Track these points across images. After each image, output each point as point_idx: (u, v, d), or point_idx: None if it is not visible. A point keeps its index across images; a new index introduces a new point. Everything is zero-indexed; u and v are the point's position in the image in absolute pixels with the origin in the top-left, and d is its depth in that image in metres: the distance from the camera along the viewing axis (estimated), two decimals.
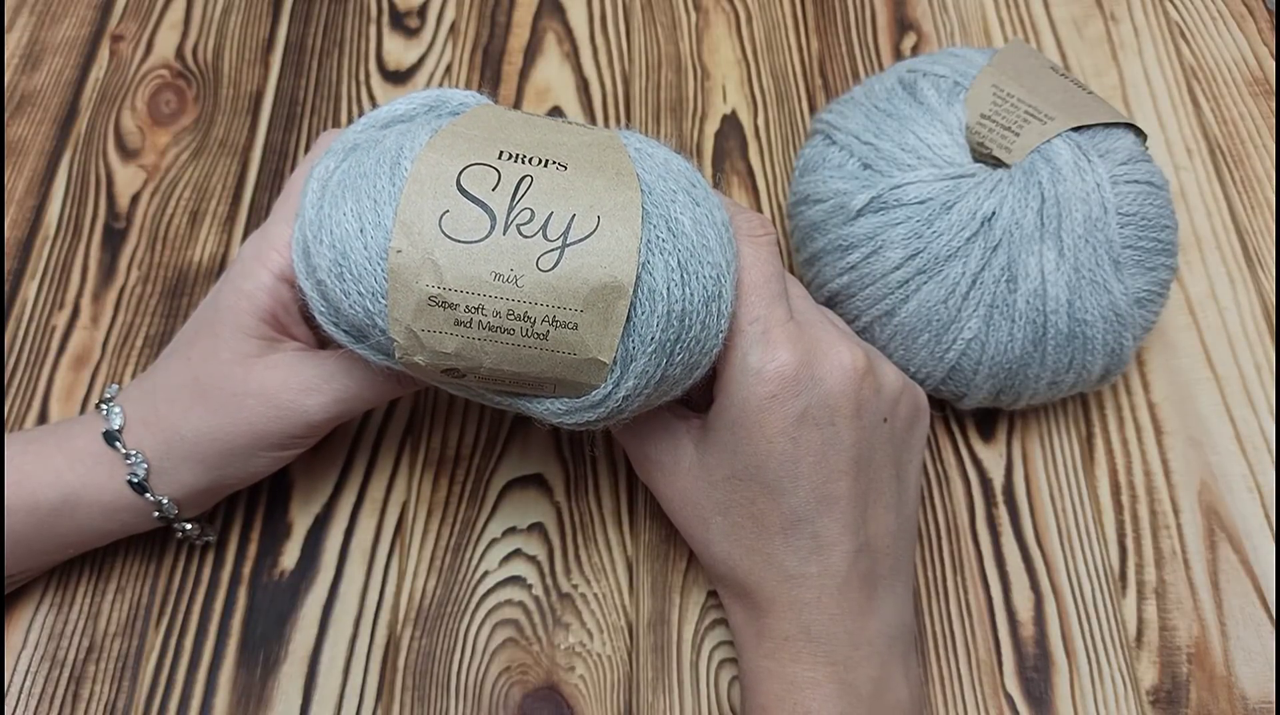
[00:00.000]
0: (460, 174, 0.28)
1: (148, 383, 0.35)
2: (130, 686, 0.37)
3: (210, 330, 0.33)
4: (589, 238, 0.27)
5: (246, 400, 0.33)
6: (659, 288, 0.28)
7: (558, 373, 0.29)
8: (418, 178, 0.28)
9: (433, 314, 0.27)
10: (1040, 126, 0.37)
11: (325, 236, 0.29)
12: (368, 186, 0.28)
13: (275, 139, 0.49)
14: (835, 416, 0.31)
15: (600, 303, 0.27)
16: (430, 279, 0.27)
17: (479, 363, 0.28)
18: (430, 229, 0.27)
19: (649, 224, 0.28)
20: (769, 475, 0.31)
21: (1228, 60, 0.51)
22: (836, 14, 0.53)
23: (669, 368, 0.29)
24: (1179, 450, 0.41)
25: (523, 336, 0.28)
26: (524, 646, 0.37)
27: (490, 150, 0.28)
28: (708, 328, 0.29)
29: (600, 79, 0.51)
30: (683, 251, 0.28)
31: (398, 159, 0.28)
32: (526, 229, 0.27)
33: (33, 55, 0.51)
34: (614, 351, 0.28)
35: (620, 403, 0.29)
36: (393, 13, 0.53)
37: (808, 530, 0.31)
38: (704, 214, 0.30)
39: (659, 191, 0.29)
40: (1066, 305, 0.35)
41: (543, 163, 0.28)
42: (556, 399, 0.30)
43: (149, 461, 0.33)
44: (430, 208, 0.27)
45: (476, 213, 0.27)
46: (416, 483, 0.41)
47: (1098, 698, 0.36)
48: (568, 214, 0.27)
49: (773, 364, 0.30)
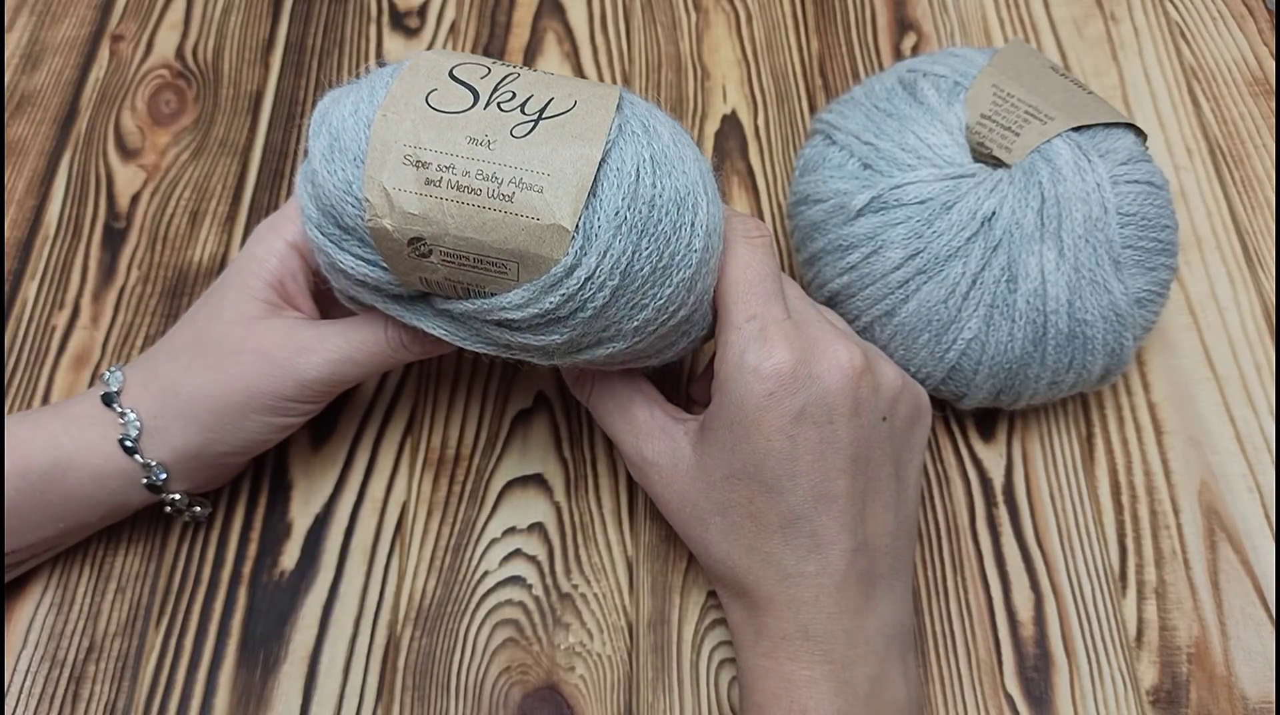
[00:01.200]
0: (454, 67, 0.30)
1: (153, 348, 0.36)
2: (130, 686, 0.37)
3: (219, 293, 0.35)
4: (563, 114, 0.29)
5: (243, 356, 0.34)
6: (628, 167, 0.29)
7: (520, 241, 0.29)
8: (414, 68, 0.30)
9: (405, 172, 0.29)
10: (1040, 126, 0.37)
11: (324, 128, 0.31)
12: (367, 84, 0.31)
13: (275, 139, 0.49)
14: (833, 415, 0.31)
15: (569, 169, 0.28)
16: (409, 139, 0.29)
17: (444, 228, 0.29)
18: (417, 102, 0.29)
19: (625, 117, 0.30)
20: (767, 474, 0.31)
21: (1228, 60, 0.51)
22: (836, 14, 0.53)
23: (634, 260, 0.29)
24: (1179, 450, 0.41)
25: (489, 198, 0.28)
26: (524, 646, 0.37)
27: (484, 61, 0.31)
28: (679, 233, 0.30)
29: (600, 79, 0.51)
30: (656, 150, 0.30)
31: (396, 69, 0.31)
32: (506, 105, 0.29)
33: (33, 55, 0.51)
34: (576, 217, 0.28)
35: (581, 286, 0.29)
36: (393, 13, 0.53)
37: (806, 529, 0.31)
38: (685, 142, 0.31)
39: (640, 107, 0.31)
40: (1066, 305, 0.35)
41: (532, 69, 0.31)
42: (519, 288, 0.30)
43: (142, 422, 0.34)
44: (420, 86, 0.29)
45: (462, 92, 0.29)
46: (416, 483, 0.41)
47: (1098, 698, 0.36)
48: (547, 97, 0.30)
49: (770, 362, 0.30)
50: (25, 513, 0.34)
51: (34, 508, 0.34)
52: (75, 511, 0.35)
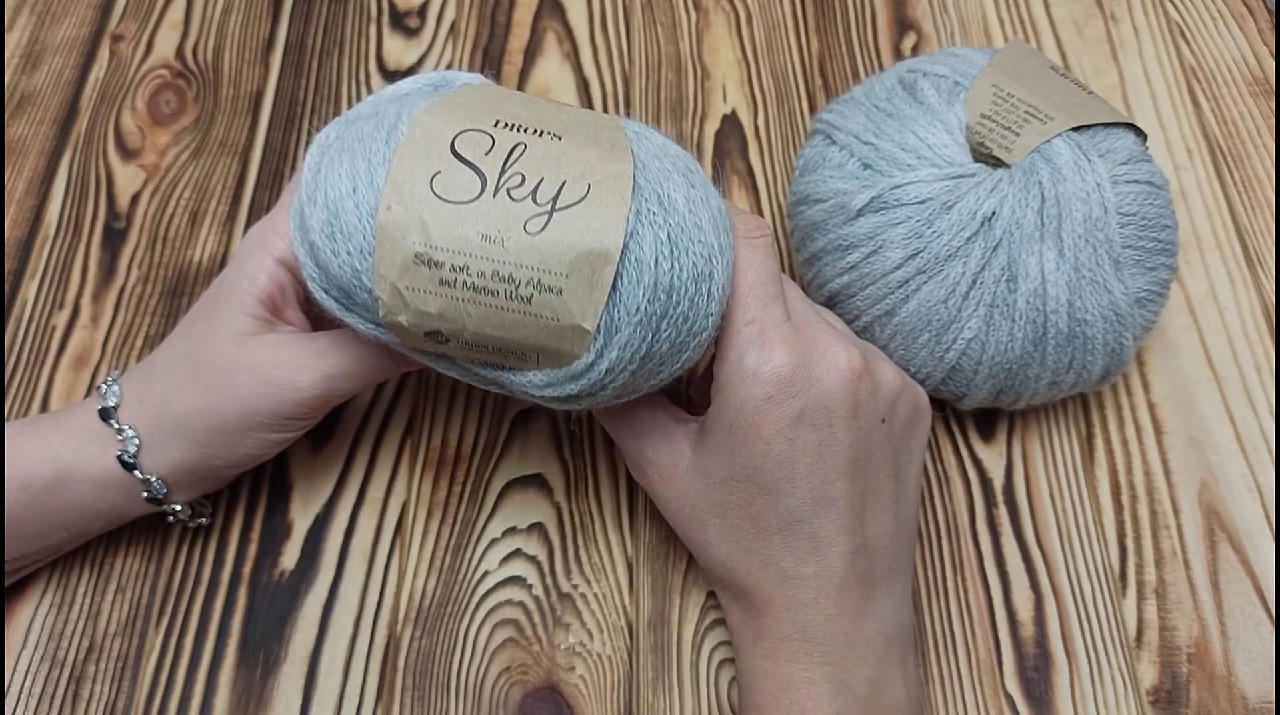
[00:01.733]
0: (455, 138, 0.28)
1: (148, 362, 0.36)
2: (130, 686, 0.37)
3: (210, 309, 0.35)
4: (578, 204, 0.27)
5: (238, 375, 0.33)
6: (646, 259, 0.28)
7: (540, 339, 0.28)
8: (412, 140, 0.28)
9: (418, 272, 0.27)
10: (1040, 126, 0.37)
11: (319, 197, 0.29)
12: (363, 149, 0.29)
13: (275, 139, 0.49)
14: (832, 417, 0.31)
15: (586, 268, 0.27)
16: (417, 237, 0.27)
17: (462, 325, 0.28)
18: (421, 189, 0.27)
19: (640, 196, 0.28)
20: (766, 476, 0.31)
21: (1228, 60, 0.51)
22: (836, 14, 0.53)
23: (654, 343, 0.29)
24: (1179, 450, 0.41)
25: (506, 299, 0.27)
26: (524, 646, 0.37)
27: (486, 119, 0.29)
28: (696, 307, 0.29)
29: (600, 79, 0.51)
30: (673, 227, 0.28)
31: (395, 125, 0.29)
32: (516, 193, 0.27)
33: (33, 55, 0.51)
34: (598, 318, 0.28)
35: (603, 376, 0.29)
36: (393, 13, 0.53)
37: (805, 531, 0.31)
38: (698, 196, 0.30)
39: (653, 169, 0.29)
40: (1066, 305, 0.35)
41: (538, 133, 0.29)
42: (539, 370, 0.30)
43: (140, 437, 0.34)
44: (423, 168, 0.27)
45: (468, 175, 0.27)
46: (416, 483, 0.41)
47: (1098, 698, 0.36)
48: (558, 180, 0.28)
49: (769, 365, 0.30)
50: (26, 522, 0.34)
51: (35, 518, 0.34)
52: (77, 521, 0.35)
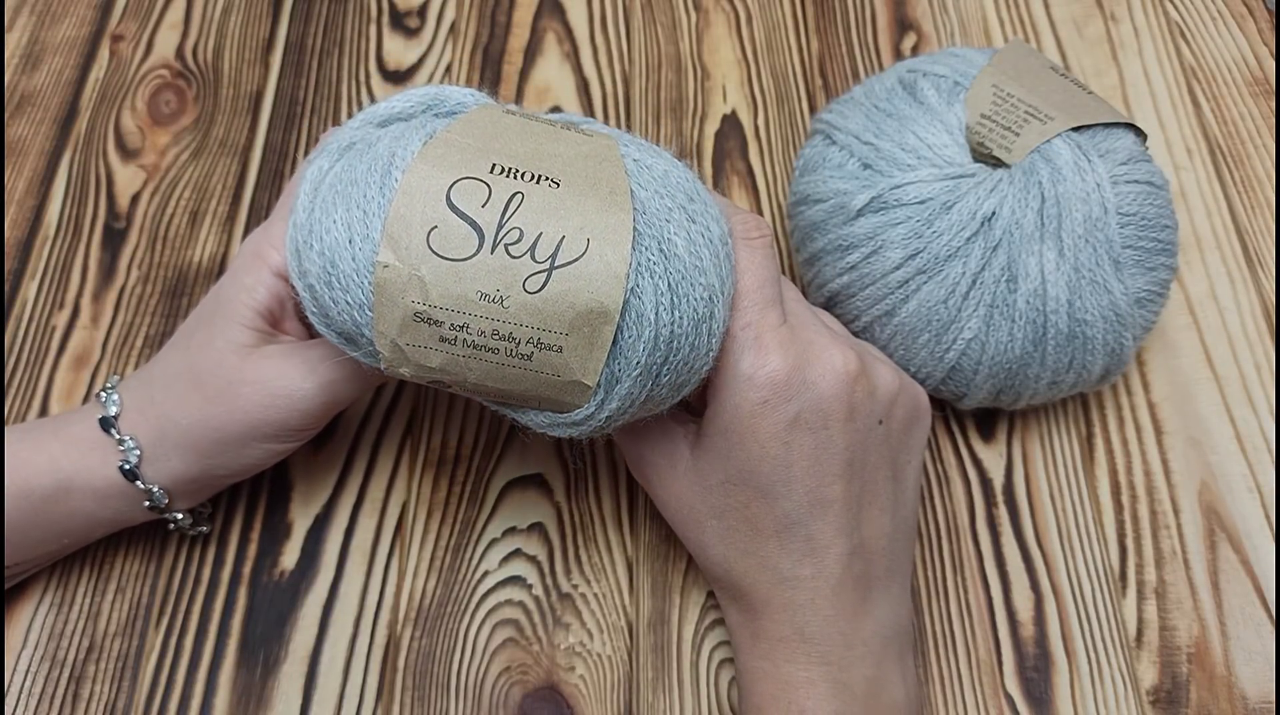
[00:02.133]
0: (450, 188, 0.27)
1: (146, 372, 0.35)
2: (130, 686, 0.37)
3: (209, 321, 0.34)
4: (577, 261, 0.27)
5: (241, 389, 0.33)
6: (647, 312, 0.27)
7: (541, 392, 0.29)
8: (408, 190, 0.27)
9: (418, 330, 0.27)
10: (1040, 126, 0.37)
11: (315, 242, 0.28)
12: (358, 195, 0.28)
13: (275, 139, 0.49)
14: (828, 420, 0.31)
15: (586, 327, 0.27)
16: (416, 295, 0.27)
17: (463, 378, 0.28)
18: (418, 245, 0.27)
19: (641, 246, 0.28)
20: (762, 480, 0.31)
21: (1228, 60, 0.51)
22: (836, 14, 0.53)
23: (654, 389, 0.29)
24: (1179, 450, 0.41)
25: (507, 356, 0.27)
26: (524, 646, 0.37)
27: (483, 163, 0.28)
28: (696, 349, 0.29)
29: (600, 79, 0.51)
30: (674, 274, 0.28)
31: (389, 168, 0.28)
32: (515, 249, 0.27)
33: (33, 55, 0.51)
34: (598, 375, 0.28)
35: (603, 422, 0.29)
36: (393, 13, 0.53)
37: (801, 533, 0.31)
38: (699, 232, 0.29)
39: (653, 210, 0.28)
40: (1066, 305, 0.35)
41: (535, 178, 0.28)
42: (540, 412, 0.30)
43: (141, 448, 0.34)
44: (419, 222, 0.27)
45: (465, 230, 0.27)
46: (416, 483, 0.41)
47: (1098, 698, 0.36)
48: (557, 235, 0.27)
49: (764, 370, 0.30)
50: (28, 530, 0.34)
51: (36, 526, 0.34)
52: (78, 529, 0.35)
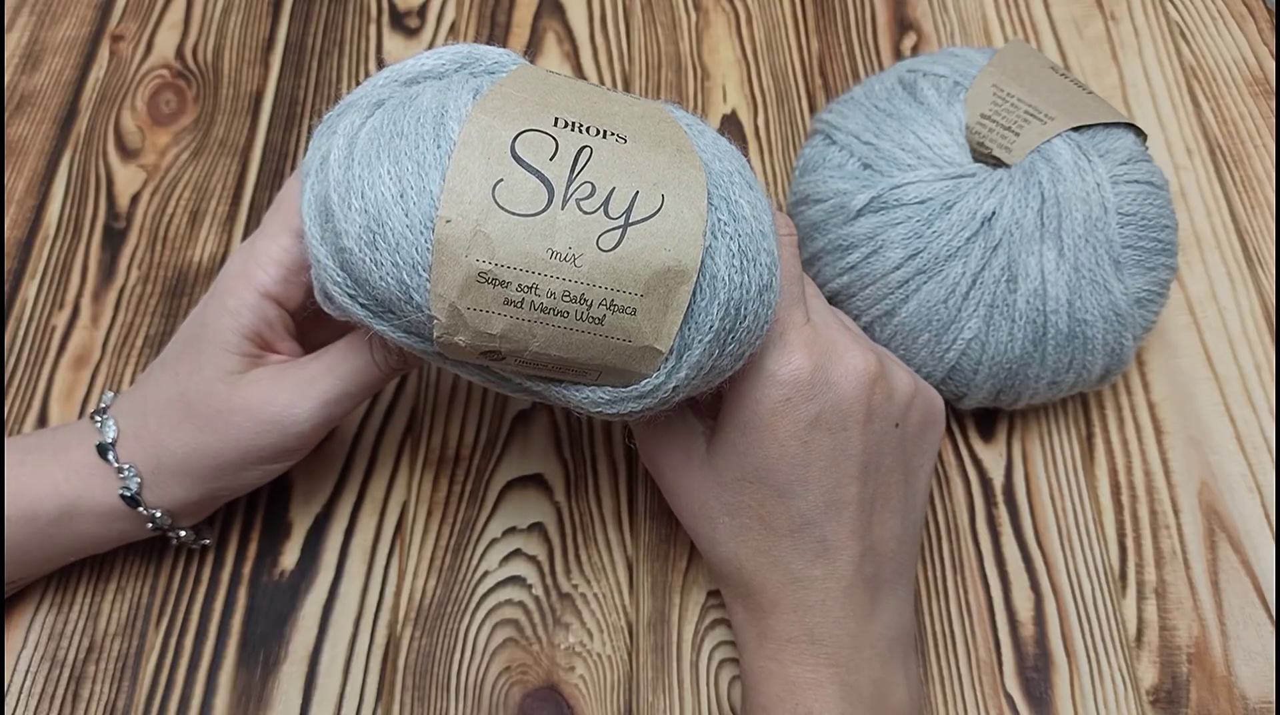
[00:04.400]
0: (515, 140, 0.25)
1: (138, 395, 0.35)
2: (130, 686, 0.37)
3: (195, 347, 0.33)
4: (653, 217, 0.25)
5: (233, 417, 0.32)
6: (721, 274, 0.26)
7: (608, 360, 0.27)
8: (468, 141, 0.25)
9: (481, 292, 0.25)
10: (1040, 126, 0.37)
11: (355, 200, 0.26)
12: (408, 147, 0.26)
13: (275, 139, 0.49)
14: (847, 421, 0.31)
15: (662, 288, 0.26)
16: (482, 253, 0.25)
17: (525, 346, 0.26)
18: (483, 198, 0.25)
19: (712, 207, 0.27)
20: (779, 478, 0.31)
21: (1228, 60, 0.51)
22: (836, 14, 0.53)
23: (719, 359, 0.28)
24: (1179, 450, 0.41)
25: (576, 319, 0.26)
26: (524, 646, 0.37)
27: (545, 116, 0.26)
28: (759, 317, 0.28)
29: (600, 79, 0.51)
30: (744, 237, 0.27)
31: (441, 119, 0.26)
32: (587, 204, 0.25)
33: (33, 55, 0.51)
34: (671, 340, 0.26)
35: (669, 393, 0.28)
36: (393, 13, 0.53)
37: (815, 534, 0.31)
38: (758, 198, 0.28)
39: (717, 172, 0.27)
40: (1066, 305, 0.35)
41: (601, 133, 0.26)
42: (599, 387, 0.28)
43: (141, 476, 0.34)
44: (482, 175, 0.25)
45: (533, 183, 0.25)
46: (416, 483, 0.41)
47: (1098, 698, 0.36)
48: (630, 190, 0.26)
49: (788, 368, 0.30)
50: (33, 551, 0.34)
51: (41, 548, 0.34)
52: (83, 548, 0.36)
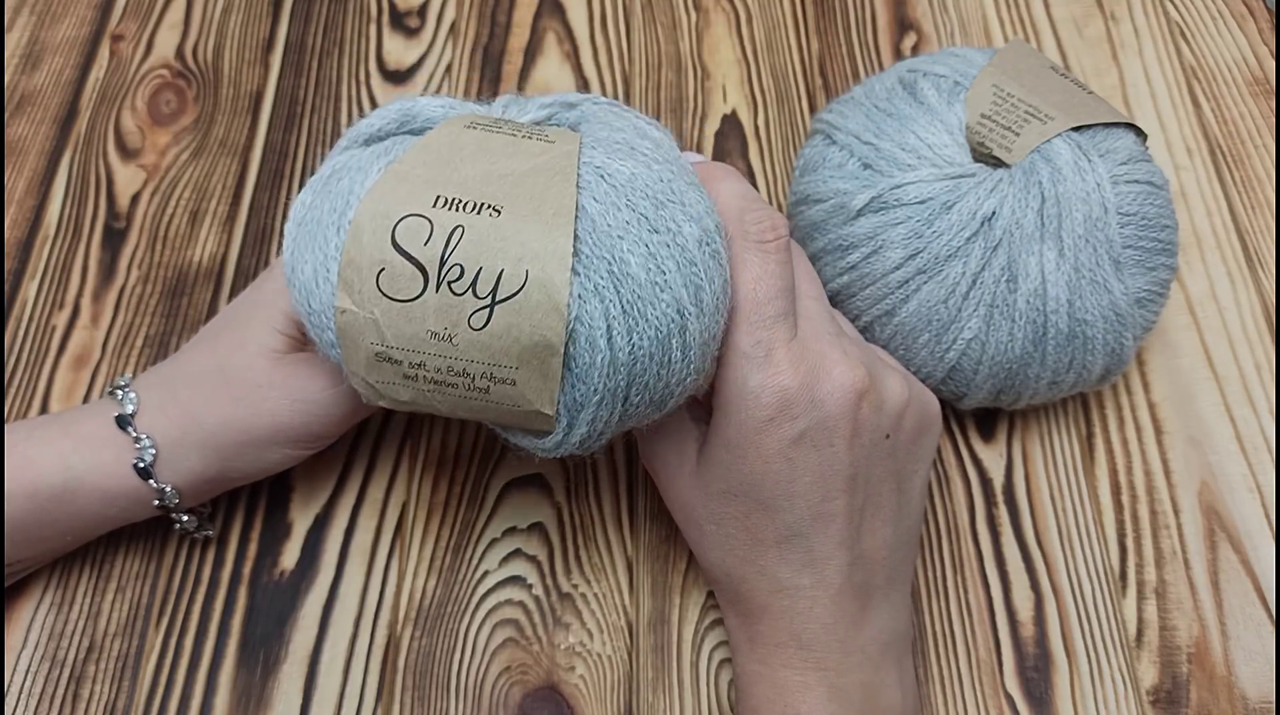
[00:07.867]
0: (395, 228, 0.28)
1: (166, 370, 0.35)
2: (130, 686, 0.37)
3: (241, 323, 0.34)
4: (516, 295, 0.27)
5: (271, 391, 0.33)
6: (597, 338, 0.27)
7: (508, 420, 0.29)
8: (357, 232, 0.28)
9: (383, 368, 0.28)
10: (1040, 126, 0.37)
11: (295, 281, 0.30)
12: (321, 238, 0.29)
13: (275, 139, 0.49)
14: (833, 438, 0.30)
15: (535, 360, 0.27)
16: (374, 337, 0.28)
17: (435, 408, 0.30)
18: (369, 288, 0.28)
19: (587, 270, 0.27)
20: (764, 493, 0.31)
21: (1228, 60, 0.51)
22: (836, 14, 0.53)
23: (627, 407, 0.29)
24: (1179, 450, 0.41)
25: (466, 390, 0.28)
26: (524, 646, 0.37)
27: (428, 195, 0.28)
28: (668, 365, 0.28)
29: (600, 79, 0.51)
30: (626, 295, 0.27)
31: (345, 208, 0.29)
32: (457, 286, 0.27)
33: (33, 55, 0.51)
34: (555, 404, 0.28)
35: (579, 445, 0.30)
36: (393, 13, 0.53)
37: (802, 545, 0.31)
38: (664, 241, 0.28)
39: (606, 226, 0.28)
40: (1067, 305, 0.35)
41: (477, 208, 0.28)
42: (521, 437, 0.31)
43: (158, 447, 0.34)
44: (368, 264, 0.28)
45: (410, 270, 0.27)
46: (416, 483, 0.41)
47: (1098, 698, 0.36)
48: (496, 268, 0.27)
49: (771, 387, 0.30)
50: (31, 529, 0.34)
51: (40, 525, 0.34)
52: (83, 528, 0.35)
